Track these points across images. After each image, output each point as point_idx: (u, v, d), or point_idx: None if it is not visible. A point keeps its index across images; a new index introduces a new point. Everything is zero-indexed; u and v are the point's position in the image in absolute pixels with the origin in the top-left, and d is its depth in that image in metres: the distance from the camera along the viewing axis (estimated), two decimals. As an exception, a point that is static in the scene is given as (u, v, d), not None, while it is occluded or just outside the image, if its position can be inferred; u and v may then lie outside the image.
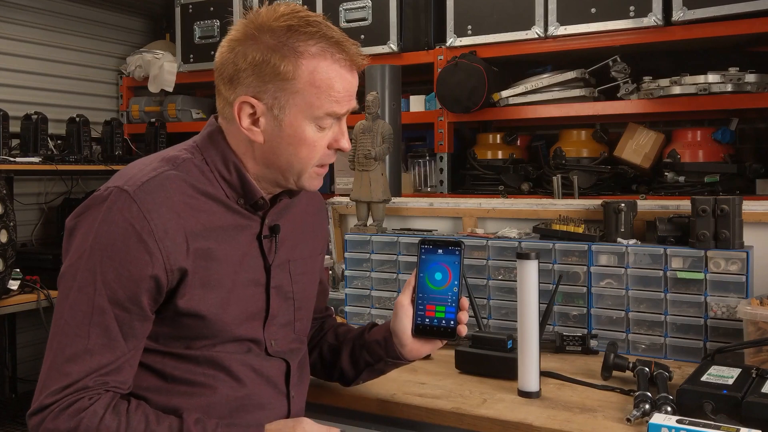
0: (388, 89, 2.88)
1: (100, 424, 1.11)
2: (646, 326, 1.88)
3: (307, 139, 1.22)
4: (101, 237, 1.14)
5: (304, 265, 1.40)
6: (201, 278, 1.20)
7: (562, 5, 3.07)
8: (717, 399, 1.35)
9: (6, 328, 3.60)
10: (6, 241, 2.85)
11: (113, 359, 1.15)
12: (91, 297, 1.14)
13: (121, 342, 1.15)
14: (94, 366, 1.13)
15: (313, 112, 1.21)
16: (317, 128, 1.23)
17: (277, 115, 1.21)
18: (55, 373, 1.13)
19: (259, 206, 1.29)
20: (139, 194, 1.16)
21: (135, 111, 4.48)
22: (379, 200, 2.29)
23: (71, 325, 1.14)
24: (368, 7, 3.52)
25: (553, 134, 3.49)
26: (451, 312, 1.36)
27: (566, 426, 1.37)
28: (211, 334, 1.23)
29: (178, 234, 1.17)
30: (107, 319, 1.14)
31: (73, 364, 1.13)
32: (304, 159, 1.24)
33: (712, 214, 1.79)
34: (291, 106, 1.20)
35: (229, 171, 1.26)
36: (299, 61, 1.19)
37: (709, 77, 2.81)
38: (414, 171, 3.68)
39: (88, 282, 1.14)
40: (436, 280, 1.37)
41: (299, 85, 1.19)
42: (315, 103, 1.20)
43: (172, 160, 1.24)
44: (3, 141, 3.33)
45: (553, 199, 2.94)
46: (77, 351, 1.13)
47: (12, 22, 3.92)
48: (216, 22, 4.04)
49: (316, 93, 1.20)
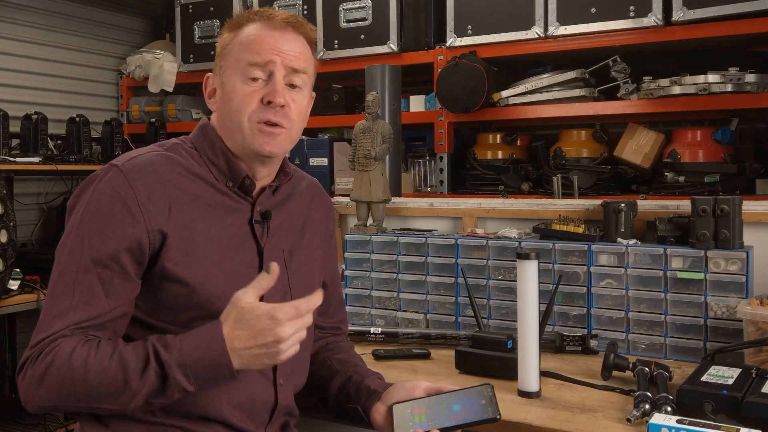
0: (388, 89, 2.88)
1: (71, 354, 1.16)
2: (646, 326, 1.88)
3: (236, 90, 1.33)
4: (91, 205, 1.24)
5: (300, 256, 1.43)
6: (183, 246, 1.26)
7: (562, 5, 3.07)
8: (717, 399, 1.35)
9: (6, 328, 3.59)
10: (6, 241, 2.85)
11: (94, 315, 1.20)
12: (78, 258, 1.21)
13: (103, 299, 1.21)
14: (75, 320, 1.19)
15: (239, 66, 1.33)
16: (245, 80, 1.33)
17: (221, 80, 1.37)
18: (39, 330, 1.20)
19: (246, 188, 1.35)
20: (127, 166, 1.26)
21: (135, 111, 4.48)
22: (379, 200, 2.30)
23: (59, 286, 1.21)
24: (368, 7, 3.51)
25: (553, 134, 3.49)
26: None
27: (566, 426, 1.37)
28: (196, 305, 1.25)
29: (161, 201, 1.25)
30: (90, 277, 1.21)
31: (57, 320, 1.19)
32: (236, 110, 1.33)
33: (712, 214, 1.79)
34: (226, 68, 1.36)
35: (216, 155, 1.36)
36: (237, 31, 1.37)
37: (709, 77, 2.81)
38: (414, 171, 3.68)
39: (77, 246, 1.22)
40: (452, 409, 1.29)
41: (232, 47, 1.36)
42: (240, 57, 1.34)
43: (162, 144, 1.37)
44: (3, 141, 3.33)
45: (553, 199, 2.93)
46: (62, 308, 1.20)
47: (12, 22, 3.92)
48: (216, 22, 4.04)
49: (240, 48, 1.34)
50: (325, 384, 1.49)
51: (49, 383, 1.16)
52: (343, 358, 1.53)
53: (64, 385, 1.15)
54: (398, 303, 2.21)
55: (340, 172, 3.68)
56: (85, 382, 1.15)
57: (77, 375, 1.15)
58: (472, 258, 2.10)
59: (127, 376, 1.15)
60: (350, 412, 1.42)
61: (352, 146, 2.35)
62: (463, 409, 1.28)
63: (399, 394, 1.36)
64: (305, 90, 1.38)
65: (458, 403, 1.29)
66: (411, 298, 2.19)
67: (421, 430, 1.26)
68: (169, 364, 1.15)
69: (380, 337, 2.01)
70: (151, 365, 1.15)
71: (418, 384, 1.37)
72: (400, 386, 1.38)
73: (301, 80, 1.36)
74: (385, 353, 1.88)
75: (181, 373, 1.15)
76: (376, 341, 2.01)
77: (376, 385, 1.42)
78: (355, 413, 1.41)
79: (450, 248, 2.14)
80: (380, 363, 1.82)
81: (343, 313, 1.65)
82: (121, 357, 1.16)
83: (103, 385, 1.15)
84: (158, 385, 1.15)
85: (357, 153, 2.32)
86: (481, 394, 1.29)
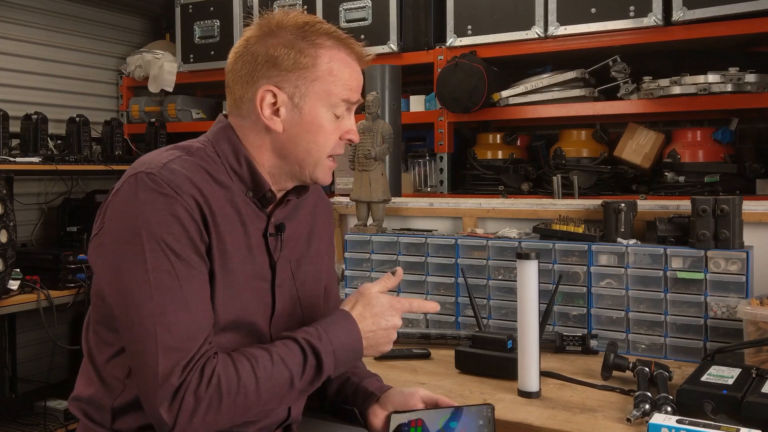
0: (388, 89, 2.88)
1: (237, 370, 1.15)
2: (646, 326, 1.88)
3: (324, 125, 1.29)
4: (150, 216, 1.16)
5: (308, 264, 1.42)
6: (218, 259, 1.23)
7: (562, 5, 3.07)
8: (717, 399, 1.35)
9: (6, 328, 3.59)
10: (6, 241, 2.85)
11: (211, 316, 1.20)
12: (171, 271, 1.15)
13: (209, 299, 1.20)
14: (205, 332, 1.17)
15: (330, 99, 1.28)
16: (333, 116, 1.29)
17: (298, 102, 1.27)
18: (174, 353, 1.12)
19: (267, 200, 1.32)
20: (163, 173, 1.19)
21: (135, 111, 4.47)
22: (379, 200, 2.30)
23: (166, 304, 1.14)
24: (368, 7, 3.51)
25: (553, 134, 3.49)
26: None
27: (566, 426, 1.37)
28: (223, 318, 1.24)
29: (203, 206, 1.21)
30: (195, 285, 1.17)
31: (188, 341, 1.14)
32: (322, 146, 1.30)
33: (712, 214, 1.79)
34: (310, 94, 1.27)
35: (239, 164, 1.30)
36: (318, 51, 1.27)
37: (709, 77, 2.81)
38: (414, 171, 3.68)
39: (161, 259, 1.15)
40: (449, 426, 1.29)
41: (318, 73, 1.27)
42: (332, 90, 1.27)
43: (187, 149, 1.29)
44: (3, 141, 3.33)
45: (553, 199, 2.93)
46: (187, 325, 1.14)
47: (12, 22, 3.92)
48: (216, 22, 4.04)
49: (333, 81, 1.27)
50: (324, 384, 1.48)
51: (227, 405, 1.14)
52: None
53: (239, 400, 1.15)
54: (398, 303, 2.21)
55: (340, 172, 3.67)
56: (258, 392, 1.16)
57: (250, 388, 1.15)
58: (472, 258, 2.10)
59: (292, 374, 1.19)
60: (347, 414, 1.42)
61: (352, 146, 2.35)
62: (460, 427, 1.28)
63: (396, 399, 1.36)
64: None
65: (456, 420, 1.29)
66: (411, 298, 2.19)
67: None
68: (325, 353, 1.21)
69: (380, 337, 2.01)
70: (309, 360, 1.20)
71: (416, 391, 1.37)
72: (398, 391, 1.38)
73: None
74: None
75: (333, 359, 1.22)
76: (376, 341, 2.00)
77: (374, 387, 1.42)
78: (351, 414, 1.41)
79: (450, 248, 2.14)
80: (380, 363, 1.82)
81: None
82: (282, 359, 1.18)
83: (273, 390, 1.18)
84: (312, 376, 1.21)
85: (357, 153, 2.32)
86: (480, 413, 1.29)
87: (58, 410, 3.40)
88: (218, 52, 4.00)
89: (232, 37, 3.96)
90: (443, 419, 1.29)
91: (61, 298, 3.10)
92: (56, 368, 3.63)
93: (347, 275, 2.27)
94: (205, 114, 4.39)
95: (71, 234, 3.75)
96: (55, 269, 3.19)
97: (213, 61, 4.04)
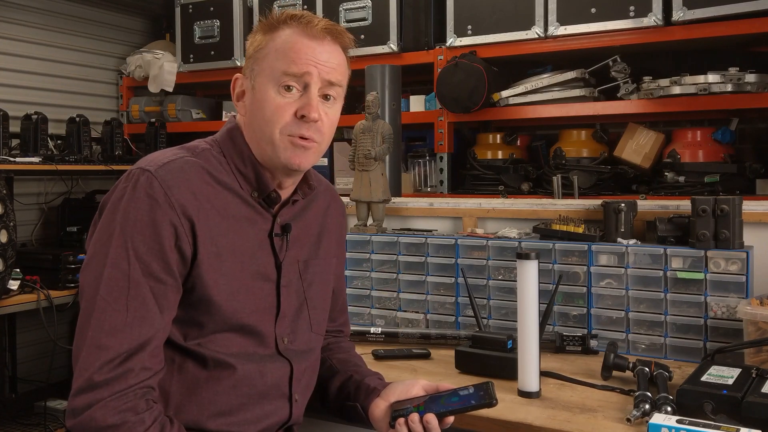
0: (388, 89, 2.88)
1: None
2: (646, 326, 1.88)
3: (268, 99, 1.27)
4: (129, 213, 1.18)
5: (316, 266, 1.42)
6: (211, 263, 1.23)
7: (562, 5, 3.07)
8: (717, 399, 1.35)
9: (6, 328, 3.59)
10: (6, 241, 2.85)
11: (152, 333, 1.17)
12: (126, 272, 1.16)
13: (158, 314, 1.18)
14: (134, 339, 1.15)
15: (274, 74, 1.27)
16: (278, 90, 1.27)
17: (252, 84, 1.30)
18: (95, 350, 1.13)
19: (272, 200, 1.32)
20: (160, 172, 1.21)
21: (135, 111, 4.47)
22: (379, 200, 2.30)
23: (108, 301, 1.16)
24: (368, 7, 3.51)
25: (553, 134, 3.49)
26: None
27: (566, 426, 1.37)
28: (222, 320, 1.25)
29: (192, 212, 1.21)
30: (143, 291, 1.17)
31: (113, 338, 1.14)
32: (269, 120, 1.27)
33: (712, 214, 1.79)
34: (259, 73, 1.29)
35: (245, 164, 1.31)
36: (273, 35, 1.29)
37: (709, 77, 2.81)
38: (414, 171, 3.68)
39: (122, 258, 1.17)
40: (450, 401, 1.31)
41: (266, 51, 1.29)
42: (275, 65, 1.27)
43: (192, 149, 1.30)
44: (3, 141, 3.33)
45: (553, 199, 2.93)
46: (116, 325, 1.15)
47: (12, 22, 3.92)
48: (216, 22, 4.04)
49: (276, 55, 1.28)
50: (326, 383, 1.49)
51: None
52: (343, 357, 1.54)
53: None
54: (398, 303, 2.22)
55: (340, 172, 3.68)
56: None
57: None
58: (472, 258, 2.10)
59: None
60: (350, 410, 1.43)
61: (352, 146, 2.35)
62: (460, 400, 1.30)
63: (397, 390, 1.37)
64: (339, 102, 1.33)
65: (456, 396, 1.31)
66: (411, 298, 2.19)
67: (417, 414, 1.28)
68: None
69: (380, 337, 2.01)
70: None
71: (417, 381, 1.37)
72: (399, 383, 1.39)
73: (336, 93, 1.31)
74: (385, 353, 1.88)
75: None
76: (376, 341, 2.01)
77: (375, 383, 1.42)
78: (354, 411, 1.41)
79: (450, 248, 2.14)
80: (380, 363, 1.83)
81: (346, 316, 1.66)
82: None
83: None
84: None
85: (357, 153, 2.32)
86: (479, 387, 1.31)
87: (58, 410, 3.41)
88: (218, 52, 4.01)
89: (232, 37, 3.96)
90: (443, 399, 1.31)
91: (61, 298, 3.10)
92: (56, 368, 3.63)
93: (347, 275, 2.27)
94: (205, 114, 4.39)
95: (71, 234, 3.75)
96: (55, 269, 3.19)
97: (213, 61, 4.04)
